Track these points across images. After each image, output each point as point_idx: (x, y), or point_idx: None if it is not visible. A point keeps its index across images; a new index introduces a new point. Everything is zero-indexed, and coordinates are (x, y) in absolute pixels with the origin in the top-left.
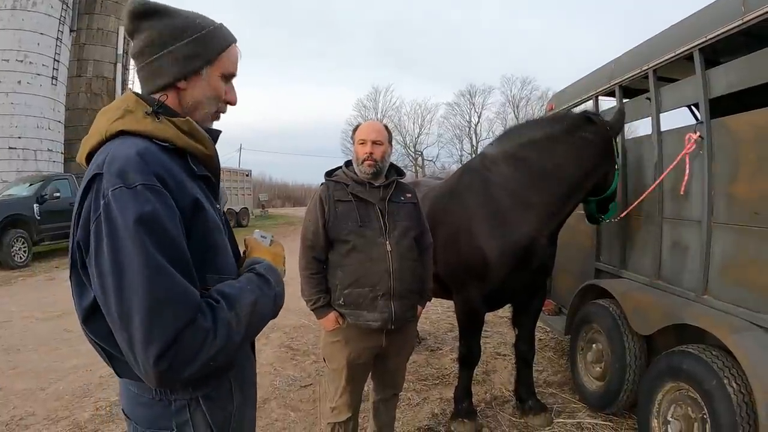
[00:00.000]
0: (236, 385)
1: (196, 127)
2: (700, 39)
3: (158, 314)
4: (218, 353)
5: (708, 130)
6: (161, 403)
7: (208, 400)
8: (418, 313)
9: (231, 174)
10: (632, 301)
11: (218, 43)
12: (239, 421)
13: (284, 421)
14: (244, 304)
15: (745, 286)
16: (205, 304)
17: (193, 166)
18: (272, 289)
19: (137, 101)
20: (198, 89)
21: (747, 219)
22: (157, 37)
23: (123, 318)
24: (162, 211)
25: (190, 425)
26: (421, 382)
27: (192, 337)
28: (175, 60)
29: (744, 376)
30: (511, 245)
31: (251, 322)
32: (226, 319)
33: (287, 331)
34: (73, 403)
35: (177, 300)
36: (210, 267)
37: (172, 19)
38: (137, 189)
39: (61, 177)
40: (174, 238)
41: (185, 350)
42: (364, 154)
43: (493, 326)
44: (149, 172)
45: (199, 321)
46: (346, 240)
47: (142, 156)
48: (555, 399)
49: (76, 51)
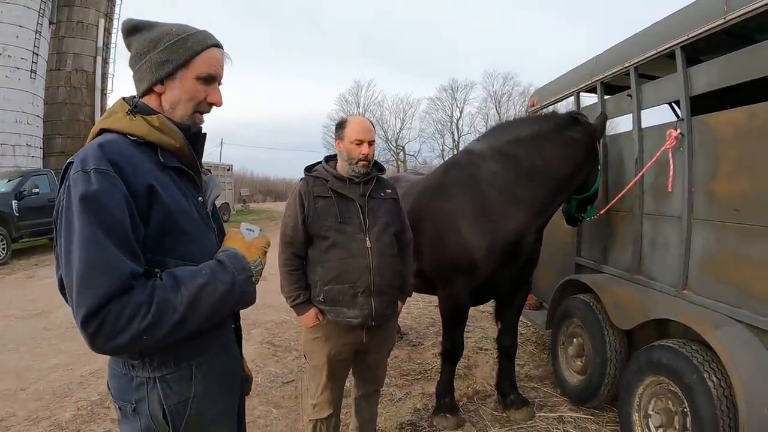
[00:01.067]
0: (199, 374)
1: (167, 122)
2: (682, 37)
3: (88, 280)
4: (151, 327)
5: (688, 127)
6: (126, 377)
7: (164, 382)
8: (398, 309)
9: (212, 169)
10: (613, 296)
11: (190, 48)
12: (199, 411)
13: (266, 418)
14: (191, 286)
15: (724, 282)
16: (145, 280)
17: (162, 159)
18: (229, 276)
19: (122, 104)
20: (174, 91)
21: (727, 216)
22: (139, 48)
23: (69, 286)
24: (106, 191)
25: (145, 403)
26: (403, 378)
27: (121, 307)
28: (150, 66)
29: (724, 370)
30: (499, 241)
31: (195, 303)
32: (166, 296)
33: (269, 327)
34: (54, 403)
35: (107, 269)
36: (171, 252)
37: (152, 31)
38: (90, 173)
39: (40, 173)
40: (114, 215)
41: (113, 318)
42: (360, 154)
43: (475, 321)
44: (103, 159)
45: (133, 294)
46: (325, 236)
47: (102, 146)
48: (537, 393)
49: (55, 44)
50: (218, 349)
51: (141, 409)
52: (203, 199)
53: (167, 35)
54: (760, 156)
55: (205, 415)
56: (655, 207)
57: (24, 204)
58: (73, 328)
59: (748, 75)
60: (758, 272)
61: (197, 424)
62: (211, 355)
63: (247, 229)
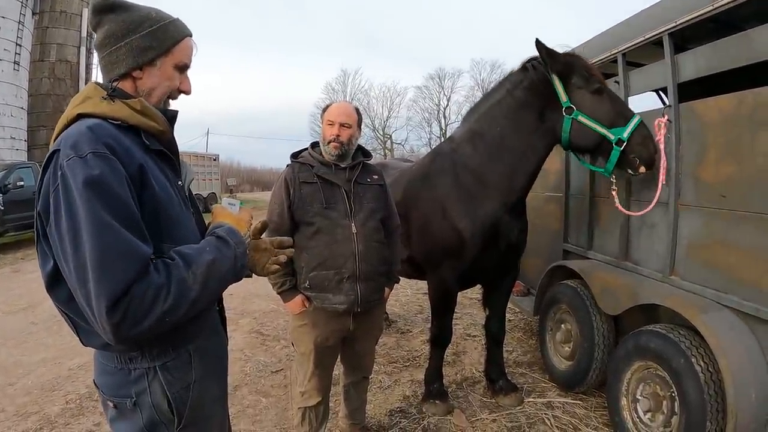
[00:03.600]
0: (197, 357)
1: (148, 105)
2: (670, 24)
3: (107, 267)
4: (173, 308)
5: (676, 114)
6: (122, 371)
7: (165, 370)
8: (385, 295)
9: (198, 158)
10: (600, 282)
11: (172, 36)
12: (200, 394)
13: (255, 407)
14: (200, 263)
15: (711, 267)
16: (160, 262)
17: (146, 141)
18: (231, 250)
19: (96, 88)
20: (153, 78)
21: (714, 202)
22: (116, 29)
23: (79, 276)
24: (109, 175)
25: (147, 394)
26: (391, 365)
27: (144, 291)
28: (131, 51)
29: (711, 354)
30: (478, 225)
31: (208, 280)
32: (181, 275)
33: (257, 317)
34: (42, 398)
35: (125, 254)
36: (166, 237)
37: (130, 14)
38: (87, 157)
39: (24, 165)
40: (121, 198)
41: (138, 303)
42: (330, 135)
43: (463, 308)
44: (98, 142)
45: (152, 276)
46: (311, 222)
47: (92, 129)
48: (525, 379)
49: (38, 34)
50: (209, 332)
51: (142, 402)
52: (182, 182)
53: (148, 20)
54: (747, 142)
55: (205, 397)
56: (642, 193)
57: (9, 197)
58: (60, 322)
59: (735, 62)
60: (745, 258)
61: (198, 408)
62: (204, 338)
63: (230, 204)
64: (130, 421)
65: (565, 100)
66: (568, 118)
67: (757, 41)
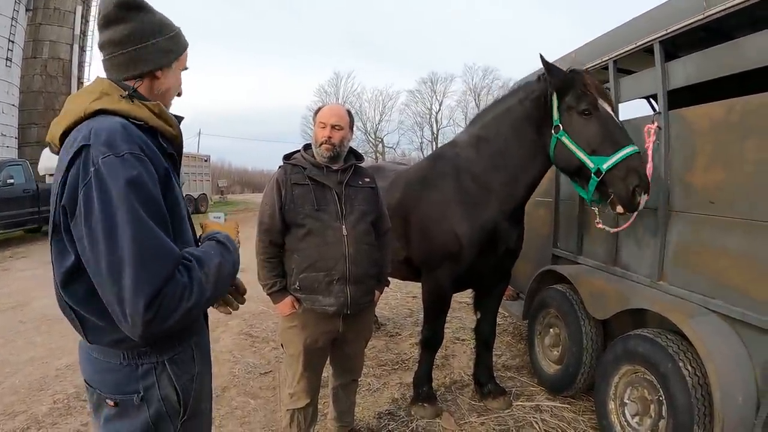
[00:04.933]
0: (197, 351)
1: (165, 110)
2: (661, 32)
3: (146, 266)
4: (194, 307)
5: (666, 121)
6: (128, 367)
7: (173, 363)
8: (375, 298)
9: (190, 159)
10: (589, 287)
11: (184, 43)
12: (201, 384)
13: (244, 409)
14: (211, 265)
15: (699, 273)
16: (180, 263)
17: (164, 144)
18: (231, 255)
19: (111, 85)
20: (169, 79)
21: (702, 208)
22: (143, 28)
23: (113, 273)
24: (146, 176)
25: (156, 387)
26: (380, 368)
27: (174, 289)
28: (158, 51)
29: (699, 359)
30: (477, 230)
31: (218, 281)
32: (198, 276)
33: (246, 318)
34: (30, 397)
35: (162, 254)
36: (178, 236)
37: (155, 16)
38: (125, 157)
39: (15, 163)
40: (157, 200)
41: (168, 301)
42: (322, 137)
43: (452, 311)
44: (134, 142)
45: (178, 276)
46: (302, 224)
47: (126, 128)
48: (514, 382)
49: (31, 31)
50: (201, 328)
51: (151, 396)
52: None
53: (168, 24)
54: (736, 149)
55: (203, 390)
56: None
57: None
58: (49, 321)
59: (725, 70)
60: (732, 263)
61: (200, 399)
62: (199, 334)
63: (215, 217)
64: (131, 419)
65: (556, 118)
66: (555, 137)
67: (746, 49)
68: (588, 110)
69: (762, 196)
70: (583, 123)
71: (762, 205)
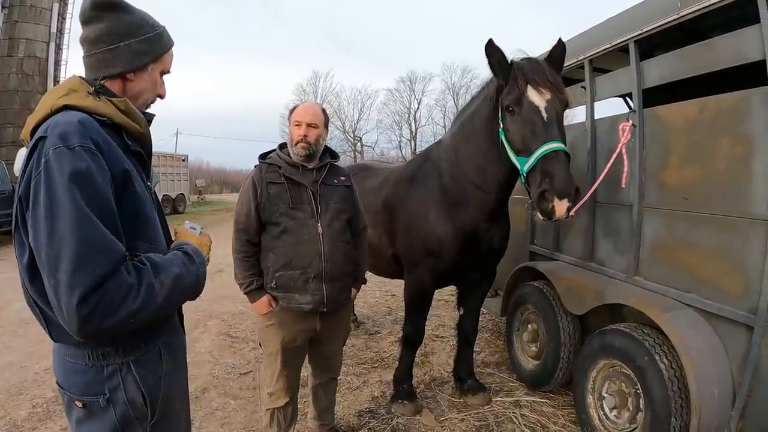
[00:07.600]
0: (165, 352)
1: (132, 107)
2: (636, 31)
3: (84, 260)
4: (139, 311)
5: (640, 119)
6: (93, 369)
7: (138, 364)
8: (352, 296)
9: (167, 159)
10: (566, 282)
11: (164, 44)
12: (170, 388)
13: (224, 409)
14: (169, 274)
15: (674, 268)
16: (131, 264)
17: (128, 141)
18: (196, 268)
19: (81, 82)
20: (142, 82)
21: (676, 204)
22: (115, 28)
23: (51, 263)
24: (95, 170)
25: (121, 389)
26: (360, 366)
27: (115, 288)
28: (129, 53)
29: (674, 352)
30: (458, 230)
31: (172, 292)
32: (150, 281)
33: (225, 319)
34: (8, 402)
35: (102, 249)
36: (141, 235)
37: (131, 16)
38: (75, 149)
39: None
40: (103, 195)
41: (107, 299)
42: (298, 136)
43: (432, 309)
44: (87, 137)
45: (124, 275)
46: (277, 222)
47: (82, 123)
48: (493, 378)
49: (7, 29)
50: (173, 329)
51: (116, 398)
52: (150, 184)
53: (146, 25)
54: (709, 147)
55: (174, 391)
56: (607, 196)
57: None
58: (26, 325)
59: (699, 69)
60: (706, 258)
61: (170, 401)
62: (171, 334)
63: (191, 228)
64: (99, 422)
65: (500, 116)
66: (499, 137)
67: (719, 49)
68: (511, 106)
69: (734, 192)
70: (511, 121)
71: (734, 201)
